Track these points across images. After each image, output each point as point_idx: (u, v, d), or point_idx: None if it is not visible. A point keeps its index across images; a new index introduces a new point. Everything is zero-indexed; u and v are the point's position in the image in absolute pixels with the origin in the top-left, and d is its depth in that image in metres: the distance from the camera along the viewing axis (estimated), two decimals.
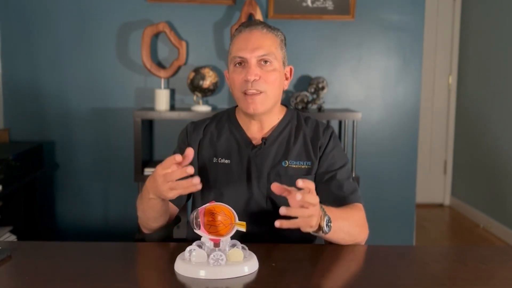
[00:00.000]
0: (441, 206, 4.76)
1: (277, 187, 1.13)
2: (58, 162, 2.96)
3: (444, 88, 4.72)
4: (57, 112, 2.92)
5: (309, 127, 1.51)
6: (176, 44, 2.83)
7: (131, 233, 2.81)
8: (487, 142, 4.04)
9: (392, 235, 3.07)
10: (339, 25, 2.95)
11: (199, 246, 1.15)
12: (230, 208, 1.16)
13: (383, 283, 1.13)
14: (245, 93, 1.41)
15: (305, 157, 1.47)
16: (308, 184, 1.12)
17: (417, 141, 3.08)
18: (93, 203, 2.98)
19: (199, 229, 1.15)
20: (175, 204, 1.49)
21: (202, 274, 1.11)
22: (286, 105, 1.57)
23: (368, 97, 3.02)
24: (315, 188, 1.21)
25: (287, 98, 2.90)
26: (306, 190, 1.12)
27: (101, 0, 2.86)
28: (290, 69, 1.51)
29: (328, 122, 2.94)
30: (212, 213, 1.15)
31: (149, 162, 2.85)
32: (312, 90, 2.85)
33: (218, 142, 1.50)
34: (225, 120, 1.54)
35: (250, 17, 2.80)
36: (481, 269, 1.22)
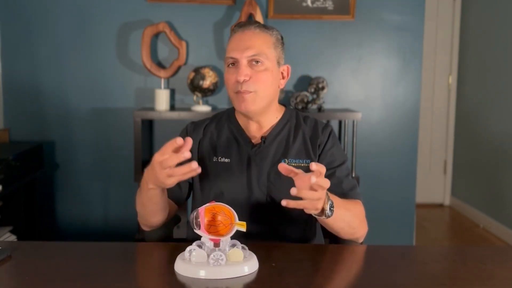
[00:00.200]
0: (441, 206, 4.76)
1: (284, 168, 1.15)
2: (58, 162, 2.96)
3: (444, 88, 4.72)
4: (57, 112, 2.92)
5: (308, 126, 1.52)
6: (176, 44, 2.84)
7: (131, 233, 2.82)
8: (487, 142, 4.04)
9: (392, 235, 3.07)
10: (339, 25, 2.95)
11: (199, 246, 1.15)
12: (230, 208, 1.16)
13: (383, 283, 1.13)
14: (238, 93, 1.42)
15: (305, 155, 1.47)
16: (320, 168, 1.13)
17: (417, 141, 3.08)
18: (93, 203, 2.98)
19: (199, 229, 1.15)
20: (175, 201, 1.50)
21: (202, 274, 1.11)
22: (285, 105, 1.58)
23: (368, 97, 3.02)
24: None
25: (287, 98, 2.90)
26: (317, 173, 1.12)
27: (101, 0, 2.86)
28: (287, 68, 1.51)
29: (328, 122, 2.96)
30: (212, 213, 1.15)
31: (149, 162, 2.84)
32: (312, 90, 2.85)
33: (218, 141, 1.51)
34: (225, 120, 1.55)
35: (250, 17, 2.80)
36: (481, 269, 1.22)
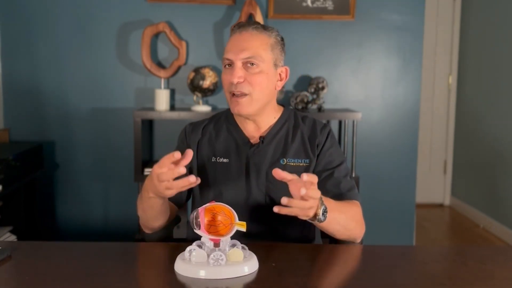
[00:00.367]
0: (441, 206, 4.76)
1: (278, 174, 1.16)
2: (58, 162, 2.96)
3: (444, 88, 4.72)
4: (57, 112, 2.92)
5: (307, 126, 1.52)
6: (176, 44, 2.84)
7: (131, 233, 2.82)
8: (487, 142, 4.04)
9: (392, 235, 3.07)
10: (339, 25, 2.95)
11: (199, 246, 1.15)
12: (230, 208, 1.16)
13: (383, 283, 1.13)
14: (233, 94, 1.42)
15: (303, 155, 1.48)
16: (312, 178, 1.14)
17: (417, 141, 3.08)
18: (93, 203, 2.98)
19: (199, 229, 1.15)
20: (175, 203, 1.50)
21: (202, 274, 1.11)
22: (283, 105, 1.58)
23: (368, 97, 3.02)
24: None
25: (287, 98, 2.90)
26: (308, 184, 1.13)
27: (101, 0, 2.86)
28: (286, 70, 1.50)
29: (328, 122, 2.96)
30: (212, 213, 1.15)
31: (149, 162, 2.85)
32: (312, 90, 2.85)
33: (217, 142, 1.51)
34: (223, 120, 1.55)
35: (250, 17, 2.80)
36: (481, 269, 1.22)
